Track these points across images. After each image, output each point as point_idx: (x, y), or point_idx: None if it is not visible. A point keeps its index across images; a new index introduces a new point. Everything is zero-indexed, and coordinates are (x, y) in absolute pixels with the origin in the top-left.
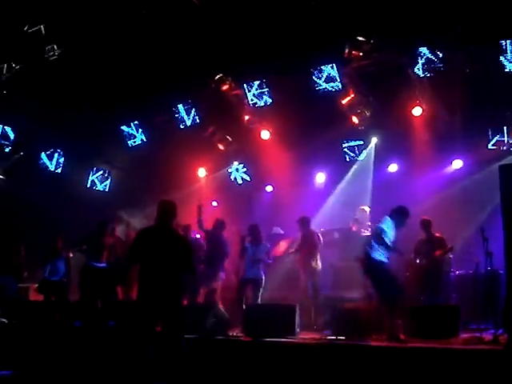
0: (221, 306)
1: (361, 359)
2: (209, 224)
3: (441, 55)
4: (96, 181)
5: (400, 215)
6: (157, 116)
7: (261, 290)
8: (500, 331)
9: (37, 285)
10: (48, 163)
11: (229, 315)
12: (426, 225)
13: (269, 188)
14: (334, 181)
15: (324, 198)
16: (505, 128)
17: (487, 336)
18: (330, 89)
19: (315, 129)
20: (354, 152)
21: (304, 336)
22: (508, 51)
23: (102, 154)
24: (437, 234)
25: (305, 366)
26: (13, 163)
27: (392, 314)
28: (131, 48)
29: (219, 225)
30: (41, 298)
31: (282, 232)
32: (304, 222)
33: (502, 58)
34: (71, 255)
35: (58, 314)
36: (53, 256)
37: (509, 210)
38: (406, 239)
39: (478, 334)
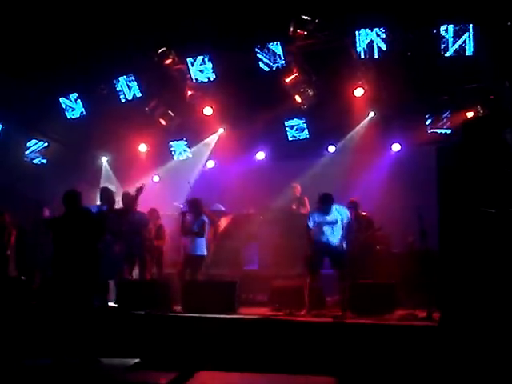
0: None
1: (298, 335)
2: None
3: (383, 36)
4: (34, 154)
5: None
6: (97, 88)
7: (199, 267)
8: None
9: None
10: None
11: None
12: (353, 206)
13: (210, 164)
14: (275, 158)
15: (265, 175)
16: (442, 112)
17: (421, 313)
18: (274, 67)
19: (258, 106)
20: (295, 131)
21: (244, 312)
22: (448, 36)
23: (40, 126)
24: (363, 213)
25: (244, 341)
26: None
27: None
28: (73, 16)
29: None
30: None
31: (222, 209)
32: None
33: (442, 43)
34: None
35: None
36: None
37: (443, 191)
38: None
39: (412, 311)
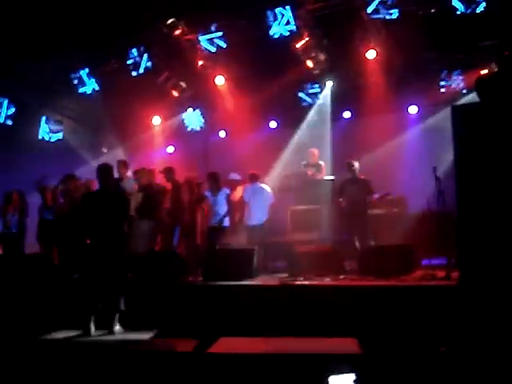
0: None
1: (319, 299)
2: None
3: None
4: (48, 132)
5: None
6: (108, 63)
7: (223, 237)
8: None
9: None
10: None
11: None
12: (350, 167)
13: (222, 133)
14: (288, 126)
15: (279, 143)
16: (456, 71)
17: (440, 273)
18: (285, 32)
19: (270, 73)
20: (309, 97)
21: (262, 279)
22: None
23: (53, 104)
24: (362, 177)
25: (265, 307)
26: None
27: None
28: None
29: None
30: None
31: (238, 178)
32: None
33: (453, 1)
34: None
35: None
36: (6, 209)
37: (460, 150)
38: None
39: (431, 271)
